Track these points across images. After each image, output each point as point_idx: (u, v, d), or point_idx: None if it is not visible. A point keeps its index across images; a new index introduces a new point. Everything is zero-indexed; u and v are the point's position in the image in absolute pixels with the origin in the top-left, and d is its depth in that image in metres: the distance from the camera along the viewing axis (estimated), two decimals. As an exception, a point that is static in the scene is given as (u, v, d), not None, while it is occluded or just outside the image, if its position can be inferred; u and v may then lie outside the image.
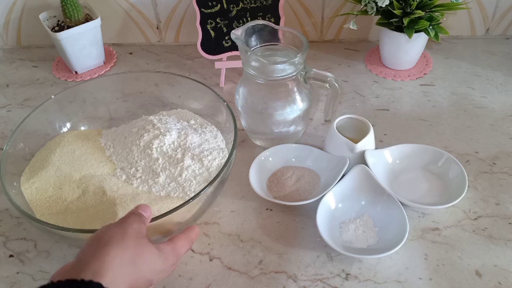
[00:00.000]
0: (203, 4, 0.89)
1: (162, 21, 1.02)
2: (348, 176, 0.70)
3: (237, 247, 0.66)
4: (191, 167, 0.68)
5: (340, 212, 0.68)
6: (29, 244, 0.68)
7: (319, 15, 0.99)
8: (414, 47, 0.90)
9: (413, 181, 0.72)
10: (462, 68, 0.94)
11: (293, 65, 0.69)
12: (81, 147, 0.73)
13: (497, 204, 0.70)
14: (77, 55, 0.95)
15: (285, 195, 0.71)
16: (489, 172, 0.74)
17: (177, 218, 0.60)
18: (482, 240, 0.65)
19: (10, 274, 0.65)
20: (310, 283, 0.62)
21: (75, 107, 0.79)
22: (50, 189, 0.67)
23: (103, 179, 0.68)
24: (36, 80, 0.98)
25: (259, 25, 0.72)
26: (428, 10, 0.84)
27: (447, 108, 0.86)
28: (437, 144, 0.78)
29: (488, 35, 1.01)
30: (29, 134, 0.72)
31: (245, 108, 0.75)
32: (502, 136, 0.80)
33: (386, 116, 0.85)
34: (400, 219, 0.64)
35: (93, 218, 0.63)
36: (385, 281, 0.62)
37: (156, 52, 1.03)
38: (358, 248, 0.64)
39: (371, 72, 0.94)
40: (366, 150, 0.70)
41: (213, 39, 0.91)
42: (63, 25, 0.95)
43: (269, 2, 0.88)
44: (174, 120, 0.75)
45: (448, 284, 0.61)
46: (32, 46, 1.07)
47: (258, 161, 0.74)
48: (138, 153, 0.70)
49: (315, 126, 0.84)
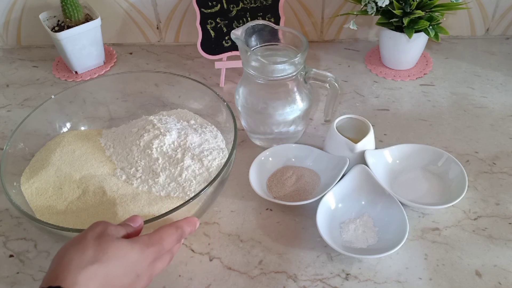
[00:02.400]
0: (203, 4, 0.89)
1: (162, 21, 1.02)
2: (348, 176, 0.70)
3: (237, 247, 0.66)
4: (191, 167, 0.68)
5: (340, 212, 0.68)
6: (29, 244, 0.68)
7: (319, 15, 0.99)
8: (414, 47, 0.90)
9: (413, 181, 0.72)
10: (462, 68, 0.94)
11: (293, 65, 0.69)
12: (81, 147, 0.73)
13: (497, 204, 0.70)
14: (77, 55, 0.95)
15: (285, 195, 0.71)
16: (489, 172, 0.74)
17: (177, 218, 0.60)
18: (482, 240, 0.65)
19: (10, 274, 0.65)
20: (310, 283, 0.62)
21: (75, 107, 0.79)
22: (50, 189, 0.67)
23: (103, 179, 0.68)
24: (36, 80, 0.98)
25: (259, 25, 0.72)
26: (428, 10, 0.84)
27: (447, 108, 0.86)
28: (437, 144, 0.78)
29: (488, 35, 1.01)
30: (29, 134, 0.72)
31: (245, 108, 0.75)
32: (502, 136, 0.80)
33: (386, 116, 0.85)
34: (400, 219, 0.64)
35: (93, 218, 0.63)
36: (385, 281, 0.62)
37: (156, 52, 1.03)
38: (358, 248, 0.64)
39: (371, 72, 0.94)
40: (366, 150, 0.70)
41: (213, 39, 0.91)
42: (63, 25, 0.95)
43: (269, 2, 0.88)
44: (174, 120, 0.75)
45: (448, 284, 0.61)
46: (32, 46, 1.07)
47: (258, 161, 0.74)
48: (138, 153, 0.70)
49: (315, 126, 0.84)
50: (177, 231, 0.55)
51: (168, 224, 0.56)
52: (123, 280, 0.49)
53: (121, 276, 0.48)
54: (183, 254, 0.66)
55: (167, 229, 0.55)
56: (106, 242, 0.49)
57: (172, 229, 0.55)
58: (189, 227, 0.57)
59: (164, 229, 0.55)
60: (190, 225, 0.58)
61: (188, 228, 0.57)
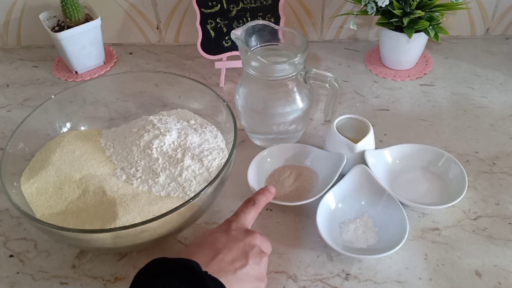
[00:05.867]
0: (203, 4, 0.89)
1: (162, 21, 1.02)
2: (348, 176, 0.70)
3: (237, 247, 0.66)
4: (191, 167, 0.68)
5: (340, 212, 0.68)
6: (29, 244, 0.68)
7: (319, 15, 0.99)
8: (414, 47, 0.90)
9: (413, 181, 0.72)
10: (462, 68, 0.94)
11: (293, 65, 0.69)
12: (81, 147, 0.73)
13: (497, 204, 0.70)
14: (77, 55, 0.95)
15: (285, 195, 0.71)
16: (489, 172, 0.74)
17: (177, 218, 0.60)
18: (482, 240, 0.65)
19: (10, 274, 0.65)
20: (310, 283, 0.62)
21: (75, 107, 0.79)
22: (50, 189, 0.67)
23: (103, 179, 0.68)
24: (36, 80, 0.98)
25: (259, 25, 0.72)
26: (428, 10, 0.84)
27: (447, 108, 0.86)
28: (437, 144, 0.78)
29: (488, 35, 1.01)
30: (29, 134, 0.72)
31: (245, 108, 0.75)
32: (502, 136, 0.80)
33: (386, 116, 0.85)
34: (400, 219, 0.64)
35: (93, 218, 0.63)
36: (385, 281, 0.62)
37: (156, 52, 1.03)
38: (358, 248, 0.64)
39: (371, 72, 0.95)
40: (366, 150, 0.70)
41: (213, 39, 0.91)
42: (63, 25, 0.95)
43: (269, 2, 0.88)
44: (174, 120, 0.75)
45: (448, 284, 0.61)
46: (32, 46, 1.07)
47: (256, 162, 0.74)
48: (138, 153, 0.70)
49: (315, 126, 0.84)
50: (254, 205, 0.60)
51: (242, 204, 0.61)
52: (222, 262, 0.53)
53: (221, 259, 0.53)
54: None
55: (242, 208, 0.60)
56: (207, 235, 0.57)
57: (247, 204, 0.60)
58: (263, 196, 0.62)
59: (240, 208, 0.60)
60: (264, 194, 0.62)
61: (263, 197, 0.62)
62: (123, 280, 0.63)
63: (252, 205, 0.60)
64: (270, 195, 0.63)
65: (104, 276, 0.64)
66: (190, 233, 0.68)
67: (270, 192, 0.63)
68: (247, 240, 0.55)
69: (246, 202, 0.61)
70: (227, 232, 0.56)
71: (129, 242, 0.60)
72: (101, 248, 0.63)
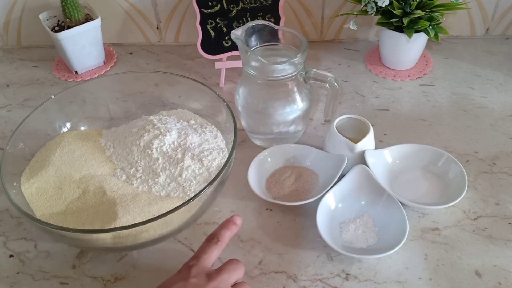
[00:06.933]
0: (203, 4, 0.89)
1: (162, 21, 1.02)
2: (348, 176, 0.70)
3: (237, 247, 0.66)
4: (191, 167, 0.68)
5: (340, 212, 0.68)
6: (29, 244, 0.68)
7: (319, 15, 0.99)
8: (414, 47, 0.90)
9: (413, 181, 0.72)
10: (462, 68, 0.94)
11: (293, 65, 0.69)
12: (81, 147, 0.73)
13: (497, 204, 0.70)
14: (77, 55, 0.95)
15: (285, 195, 0.71)
16: (489, 172, 0.74)
17: (177, 218, 0.60)
18: (482, 240, 0.65)
19: (10, 274, 0.65)
20: (310, 283, 0.62)
21: (75, 107, 0.79)
22: (50, 189, 0.67)
23: (103, 179, 0.68)
24: (36, 80, 0.98)
25: (259, 25, 0.72)
26: (428, 10, 0.84)
27: (447, 108, 0.86)
28: (437, 144, 0.78)
29: (488, 35, 1.01)
30: (29, 134, 0.72)
31: (245, 108, 0.75)
32: (502, 136, 0.80)
33: (386, 116, 0.85)
34: (400, 219, 0.64)
35: (93, 218, 0.63)
36: (385, 281, 0.62)
37: (156, 52, 1.03)
38: (358, 248, 0.64)
39: (371, 72, 0.95)
40: (366, 150, 0.70)
41: (213, 39, 0.91)
42: (63, 25, 0.95)
43: (269, 2, 0.88)
44: (174, 120, 0.75)
45: (448, 284, 0.61)
46: (32, 46, 1.07)
47: (257, 162, 0.74)
48: (138, 153, 0.70)
49: (315, 126, 0.84)
50: (214, 241, 0.56)
51: (201, 246, 0.56)
52: None
53: None
54: (183, 254, 0.66)
55: (200, 249, 0.55)
56: None
57: (205, 245, 0.56)
58: (227, 231, 0.57)
59: (199, 250, 0.55)
60: (228, 228, 0.57)
61: (227, 232, 0.57)
62: (123, 280, 0.63)
63: (215, 243, 0.55)
64: (236, 227, 0.58)
65: (104, 276, 0.64)
66: (190, 233, 0.68)
67: (236, 224, 0.58)
68: (210, 286, 0.51)
69: (209, 240, 0.56)
70: (186, 280, 0.51)
71: (129, 242, 0.60)
72: (101, 248, 0.63)
